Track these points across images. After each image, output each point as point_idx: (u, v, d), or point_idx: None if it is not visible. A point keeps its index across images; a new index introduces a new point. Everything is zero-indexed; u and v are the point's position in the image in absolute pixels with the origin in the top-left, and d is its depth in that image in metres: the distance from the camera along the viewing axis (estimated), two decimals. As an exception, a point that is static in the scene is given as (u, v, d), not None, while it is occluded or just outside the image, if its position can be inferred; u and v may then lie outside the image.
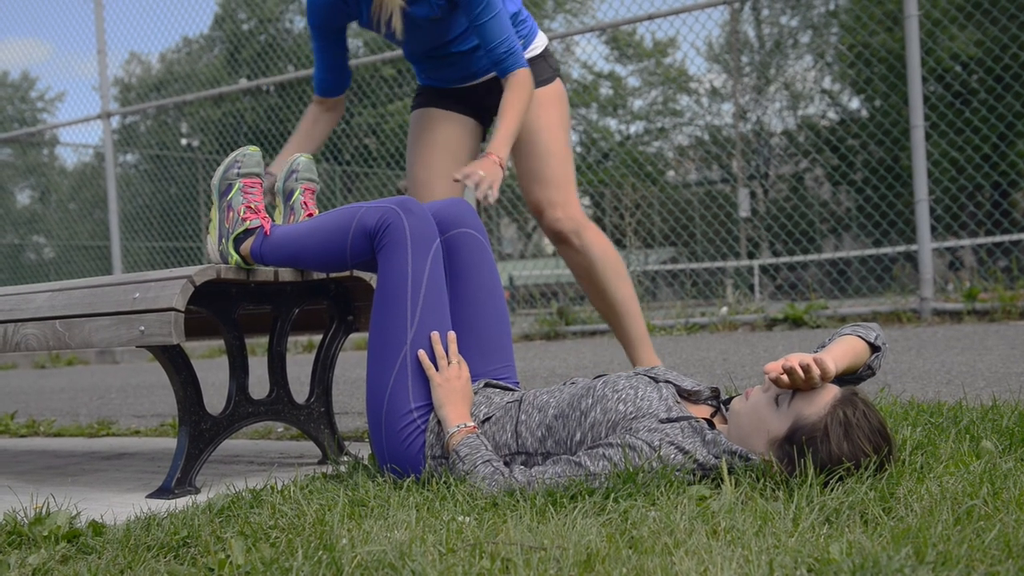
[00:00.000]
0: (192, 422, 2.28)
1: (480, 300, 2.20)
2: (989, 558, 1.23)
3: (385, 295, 2.06)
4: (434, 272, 2.08)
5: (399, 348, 2.03)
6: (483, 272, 2.23)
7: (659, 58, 23.96)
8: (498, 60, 2.70)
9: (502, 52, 2.69)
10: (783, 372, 1.68)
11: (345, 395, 4.22)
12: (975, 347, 4.13)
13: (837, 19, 20.07)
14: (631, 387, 1.84)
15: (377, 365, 2.05)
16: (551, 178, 2.92)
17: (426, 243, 2.08)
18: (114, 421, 3.94)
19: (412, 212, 2.08)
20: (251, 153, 2.35)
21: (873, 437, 1.65)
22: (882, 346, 1.90)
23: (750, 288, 14.14)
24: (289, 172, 2.48)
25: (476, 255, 2.23)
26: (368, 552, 1.36)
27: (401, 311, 2.04)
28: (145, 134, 18.33)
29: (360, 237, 2.11)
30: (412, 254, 2.06)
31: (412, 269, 2.05)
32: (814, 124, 21.41)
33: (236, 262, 2.29)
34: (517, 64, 2.70)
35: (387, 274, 2.07)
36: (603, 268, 2.95)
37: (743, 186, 16.95)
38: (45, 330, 2.30)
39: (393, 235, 2.06)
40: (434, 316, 2.06)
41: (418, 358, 2.02)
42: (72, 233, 13.71)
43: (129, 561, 1.49)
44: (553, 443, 1.86)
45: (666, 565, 1.24)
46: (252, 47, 20.34)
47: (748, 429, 1.74)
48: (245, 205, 2.29)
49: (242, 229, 2.27)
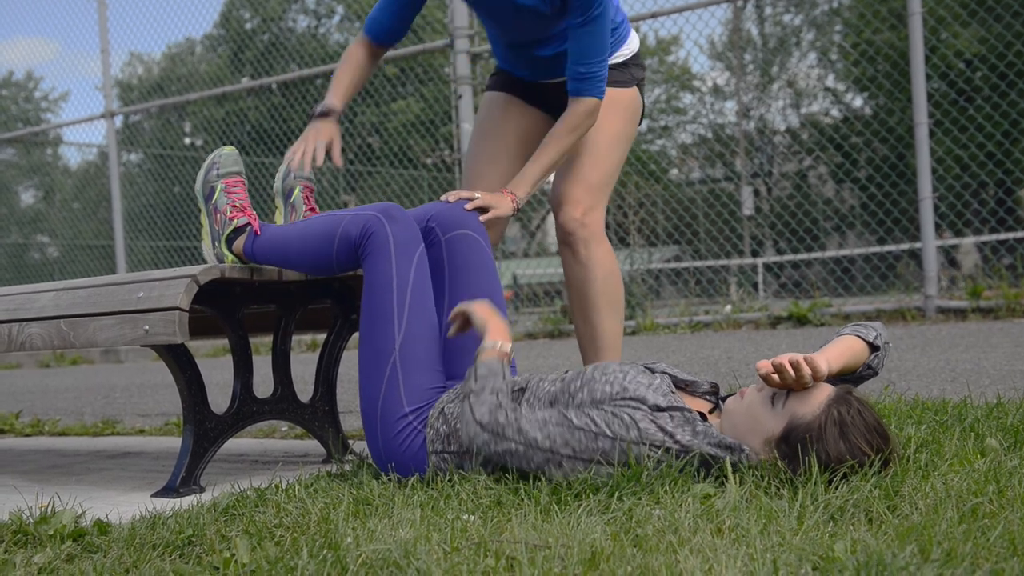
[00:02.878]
0: (197, 421, 2.28)
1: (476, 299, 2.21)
2: (994, 556, 1.23)
3: (371, 304, 2.08)
4: (419, 277, 2.09)
5: (388, 355, 2.04)
6: (483, 273, 2.23)
7: (662, 56, 23.93)
8: (575, 77, 2.46)
9: (582, 72, 2.44)
10: (773, 371, 1.69)
11: (349, 394, 4.22)
12: (980, 345, 4.12)
13: (840, 17, 20.04)
14: (620, 371, 1.84)
15: (368, 373, 2.07)
16: (585, 177, 2.63)
17: (409, 249, 2.09)
18: (119, 420, 3.95)
19: (394, 219, 2.10)
20: (227, 153, 2.38)
21: (869, 435, 1.65)
22: (882, 345, 1.90)
23: (754, 286, 14.12)
24: (287, 172, 2.50)
25: (476, 256, 2.23)
26: (373, 550, 1.36)
27: (388, 318, 2.05)
28: (148, 133, 18.35)
29: (344, 246, 2.13)
30: (396, 261, 2.07)
31: (397, 275, 2.07)
32: (818, 122, 21.38)
33: (233, 262, 2.30)
34: (590, 92, 2.46)
35: (372, 282, 2.09)
36: (599, 291, 2.64)
37: (747, 184, 16.95)
38: (49, 329, 2.30)
39: (376, 243, 2.08)
40: (421, 320, 2.07)
41: (408, 360, 2.03)
42: (76, 232, 13.72)
43: (134, 560, 1.50)
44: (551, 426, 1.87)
45: (671, 563, 1.24)
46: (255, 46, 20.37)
47: (743, 428, 1.75)
48: (230, 204, 2.32)
49: (231, 228, 2.29)
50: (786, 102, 22.47)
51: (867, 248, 11.85)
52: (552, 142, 2.48)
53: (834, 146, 17.45)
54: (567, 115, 2.48)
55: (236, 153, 2.39)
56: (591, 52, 2.42)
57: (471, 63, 6.85)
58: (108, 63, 9.20)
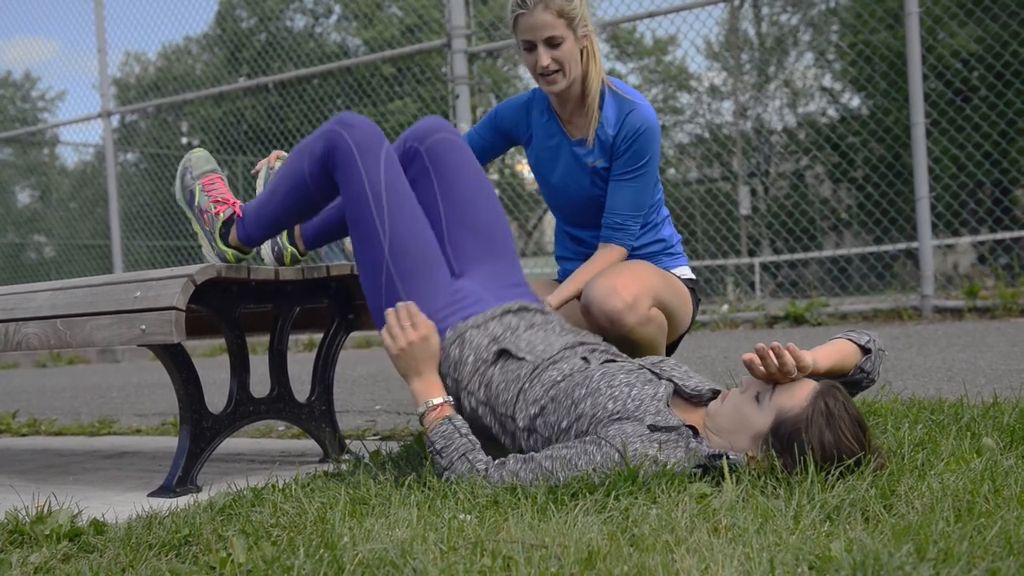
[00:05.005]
0: (193, 421, 2.28)
1: (473, 199, 2.23)
2: (990, 555, 1.23)
3: (354, 218, 2.11)
4: (390, 176, 2.10)
5: (381, 263, 2.07)
6: (469, 171, 2.26)
7: (659, 56, 23.93)
8: (608, 225, 2.48)
9: (617, 222, 2.47)
10: (758, 358, 1.71)
11: (346, 393, 4.22)
12: (976, 344, 4.12)
13: (837, 16, 20.05)
14: (626, 384, 1.83)
15: (369, 288, 2.11)
16: (629, 278, 2.34)
17: (373, 149, 2.11)
18: (115, 420, 3.95)
19: (350, 124, 2.12)
20: (197, 156, 2.41)
21: (853, 427, 1.67)
22: (875, 350, 1.89)
23: (751, 286, 14.13)
24: (267, 173, 2.50)
25: (458, 155, 2.26)
26: (370, 550, 1.36)
27: (371, 228, 2.08)
28: (145, 133, 18.31)
29: (316, 168, 2.15)
30: (363, 164, 2.10)
31: (367, 179, 2.09)
32: (814, 122, 21.39)
33: (233, 256, 2.31)
34: (621, 242, 2.49)
35: (348, 194, 2.11)
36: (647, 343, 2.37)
37: (744, 184, 16.95)
38: (46, 329, 2.30)
39: (341, 154, 2.11)
40: (403, 220, 2.09)
41: (401, 267, 2.06)
42: (73, 232, 13.70)
43: (131, 560, 1.49)
44: (542, 423, 1.88)
45: (667, 563, 1.24)
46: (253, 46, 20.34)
47: (730, 428, 1.75)
48: (212, 201, 2.33)
49: (220, 223, 2.31)
50: (783, 102, 22.47)
51: (864, 248, 11.86)
52: (587, 270, 2.45)
53: (831, 146, 17.45)
54: (598, 254, 2.49)
55: (206, 153, 2.41)
56: (627, 205, 2.46)
57: (468, 63, 6.85)
58: (105, 62, 9.18)
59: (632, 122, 2.43)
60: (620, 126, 2.44)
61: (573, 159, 2.53)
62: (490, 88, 15.27)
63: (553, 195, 2.63)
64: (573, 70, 2.41)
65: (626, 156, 2.44)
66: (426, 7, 16.97)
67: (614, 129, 2.45)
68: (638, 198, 2.47)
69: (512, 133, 2.64)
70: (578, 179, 2.54)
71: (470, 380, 2.00)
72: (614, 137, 2.45)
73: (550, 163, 2.58)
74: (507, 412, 1.94)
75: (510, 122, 2.63)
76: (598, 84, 2.45)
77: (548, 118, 2.56)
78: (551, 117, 2.55)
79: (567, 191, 2.58)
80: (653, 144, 2.44)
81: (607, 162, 2.49)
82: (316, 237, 2.46)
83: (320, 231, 2.45)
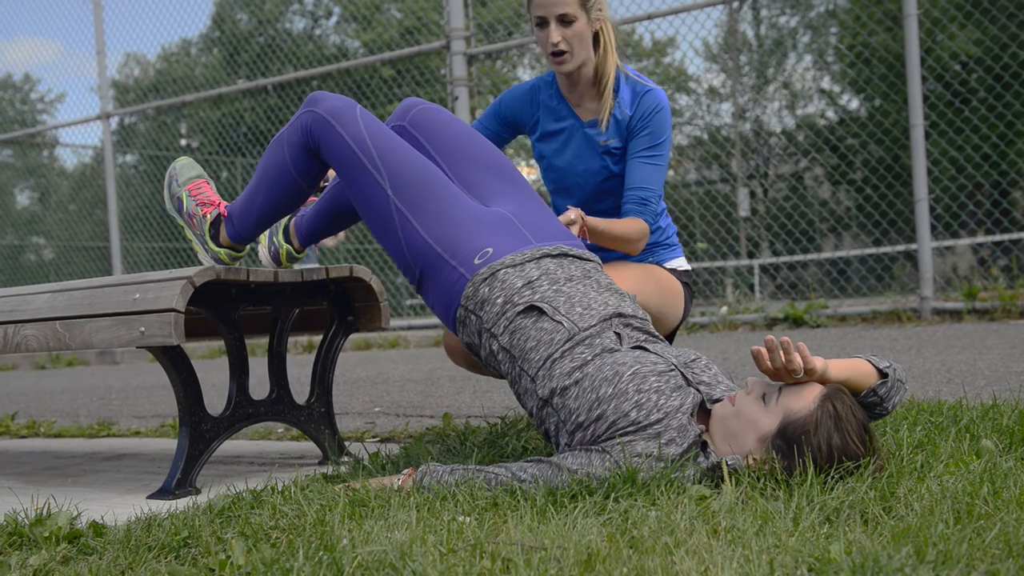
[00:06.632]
0: (192, 423, 2.28)
1: (468, 141, 2.26)
2: (990, 557, 1.23)
3: (349, 178, 2.12)
4: (371, 127, 2.13)
5: (388, 207, 2.07)
6: (455, 124, 2.30)
7: (658, 58, 23.95)
8: (631, 200, 2.46)
9: (641, 197, 2.46)
10: (766, 351, 1.71)
11: (345, 395, 4.22)
12: (975, 346, 4.13)
13: (836, 19, 20.06)
14: (656, 390, 1.78)
15: (387, 239, 2.10)
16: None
17: (347, 111, 2.14)
18: (114, 422, 3.94)
19: (319, 100, 2.17)
20: (181, 164, 2.42)
21: (860, 432, 1.67)
22: (892, 376, 1.82)
23: (750, 287, 14.14)
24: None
25: (440, 115, 2.30)
26: (369, 552, 1.36)
27: (368, 179, 2.09)
28: (144, 135, 18.31)
29: (296, 154, 2.18)
30: (342, 129, 2.12)
31: (350, 138, 2.11)
32: (814, 124, 21.40)
33: (227, 255, 2.31)
34: (643, 216, 2.45)
35: (337, 160, 2.13)
36: None
37: (742, 185, 16.95)
38: (45, 331, 2.30)
39: (320, 130, 2.13)
40: (395, 157, 2.11)
41: (407, 197, 2.06)
42: (72, 234, 13.70)
43: (130, 562, 1.49)
44: (560, 402, 1.84)
45: (667, 565, 1.25)
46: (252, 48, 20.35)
47: (736, 430, 1.75)
48: (198, 204, 2.34)
49: (208, 224, 2.32)
50: (782, 104, 22.49)
51: (863, 249, 11.86)
52: (616, 223, 2.40)
53: (830, 148, 17.47)
54: (622, 219, 2.44)
55: (191, 160, 2.43)
56: (648, 180, 2.47)
57: (467, 64, 6.86)
58: (104, 64, 9.17)
59: (648, 102, 2.49)
60: (636, 106, 2.49)
61: (584, 140, 2.56)
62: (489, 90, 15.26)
63: (560, 177, 2.63)
64: (581, 52, 2.46)
65: (644, 133, 2.48)
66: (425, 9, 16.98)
67: (631, 109, 2.50)
68: (658, 176, 2.50)
69: (517, 120, 2.66)
70: (587, 160, 2.56)
71: (495, 323, 1.95)
72: (631, 117, 2.49)
73: (559, 145, 2.60)
74: (529, 372, 1.90)
75: (514, 110, 2.65)
76: (613, 70, 2.51)
77: (558, 101, 2.59)
78: (561, 100, 2.59)
79: (575, 171, 2.59)
80: (668, 125, 2.49)
81: (621, 142, 2.52)
82: (310, 232, 2.45)
83: (313, 226, 2.44)
